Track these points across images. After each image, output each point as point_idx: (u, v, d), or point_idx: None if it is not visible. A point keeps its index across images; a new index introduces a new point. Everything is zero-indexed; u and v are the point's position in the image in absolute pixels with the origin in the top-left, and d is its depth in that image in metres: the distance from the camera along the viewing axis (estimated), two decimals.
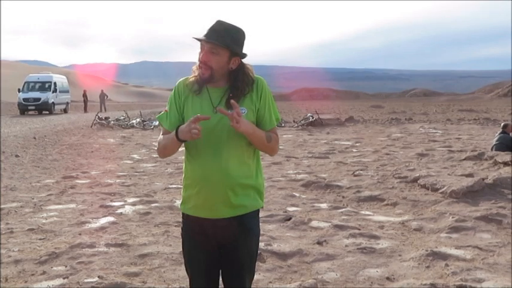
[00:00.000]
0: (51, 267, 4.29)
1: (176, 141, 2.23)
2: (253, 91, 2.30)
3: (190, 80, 2.33)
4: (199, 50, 2.29)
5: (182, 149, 2.41)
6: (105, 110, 34.07)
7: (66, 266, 4.30)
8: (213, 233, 2.31)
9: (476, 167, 9.17)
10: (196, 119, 2.11)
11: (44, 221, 5.90)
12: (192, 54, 2.39)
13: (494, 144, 10.98)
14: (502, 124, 11.81)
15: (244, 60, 2.33)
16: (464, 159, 10.25)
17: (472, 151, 11.30)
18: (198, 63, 2.28)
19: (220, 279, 2.45)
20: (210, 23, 2.27)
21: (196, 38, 2.25)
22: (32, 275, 4.15)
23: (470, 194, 6.84)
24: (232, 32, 2.25)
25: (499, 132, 11.46)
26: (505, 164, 8.70)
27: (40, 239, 5.14)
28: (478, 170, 8.76)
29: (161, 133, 2.40)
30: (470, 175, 8.05)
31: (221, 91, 2.28)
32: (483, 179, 7.27)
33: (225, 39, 2.21)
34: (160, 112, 2.47)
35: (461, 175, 8.10)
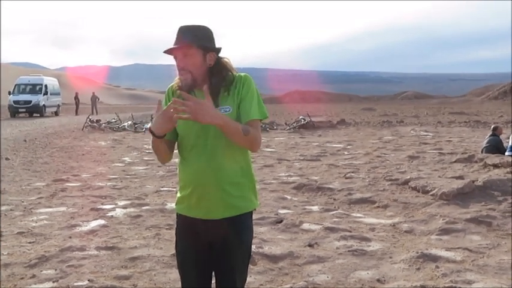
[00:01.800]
0: (41, 271, 4.26)
1: (155, 139, 2.22)
2: (237, 87, 2.27)
3: (175, 87, 2.32)
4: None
5: (176, 151, 2.40)
6: (97, 113, 33.93)
7: (56, 270, 4.28)
8: (205, 233, 2.30)
9: (466, 169, 9.24)
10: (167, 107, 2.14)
11: (34, 224, 5.86)
12: None
13: (485, 147, 11.06)
14: (492, 127, 11.90)
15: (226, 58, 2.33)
16: (454, 162, 10.32)
17: (462, 153, 11.39)
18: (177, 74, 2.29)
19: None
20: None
21: (166, 51, 2.24)
22: (22, 278, 4.12)
23: (461, 196, 6.88)
24: (196, 30, 2.25)
25: (489, 134, 11.55)
26: (495, 166, 8.76)
27: (30, 243, 5.10)
28: (468, 172, 8.81)
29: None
30: (460, 177, 8.10)
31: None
32: (473, 181, 7.32)
33: (191, 39, 2.21)
34: (152, 117, 2.46)
35: (452, 177, 8.14)
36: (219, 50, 2.29)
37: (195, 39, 2.21)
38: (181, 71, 2.23)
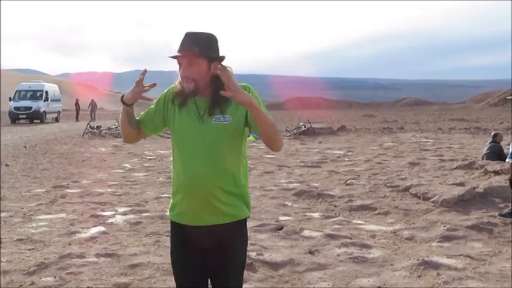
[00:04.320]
0: (40, 278, 4.24)
1: (124, 107, 2.34)
2: None
3: (175, 92, 2.34)
4: (177, 66, 2.31)
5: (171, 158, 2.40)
6: (95, 119, 33.85)
7: (55, 277, 4.25)
8: (198, 240, 2.31)
9: (467, 176, 9.22)
10: (140, 80, 2.28)
11: (33, 231, 5.84)
12: None
13: (485, 153, 11.03)
14: (493, 133, 11.88)
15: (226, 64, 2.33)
16: (455, 168, 10.30)
17: (463, 160, 11.36)
18: (179, 79, 2.31)
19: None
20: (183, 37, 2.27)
21: (171, 57, 2.25)
22: (21, 286, 4.09)
23: (462, 203, 6.87)
24: (203, 39, 2.25)
25: (489, 141, 11.52)
26: (496, 173, 8.74)
27: (29, 249, 5.08)
28: (469, 179, 8.80)
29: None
30: (461, 184, 8.08)
31: (206, 100, 2.28)
32: (474, 188, 7.31)
33: (198, 48, 2.21)
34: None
35: (453, 184, 8.12)
36: (223, 58, 2.30)
37: (202, 49, 2.22)
38: (185, 78, 2.24)
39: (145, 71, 2.29)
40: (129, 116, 2.37)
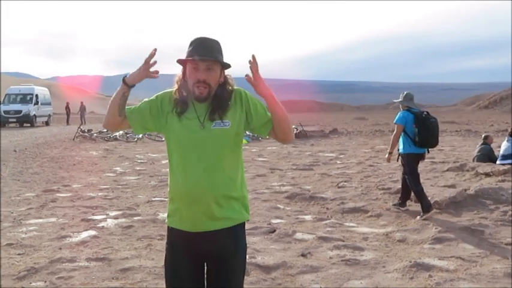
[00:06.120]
0: (30, 283, 4.19)
1: (120, 88, 2.26)
2: (236, 103, 2.30)
3: (176, 97, 2.30)
4: (174, 71, 2.32)
5: (167, 161, 2.38)
6: (85, 123, 33.67)
7: (45, 282, 4.21)
8: (198, 245, 2.28)
9: (458, 178, 9.28)
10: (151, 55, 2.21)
11: (23, 235, 5.78)
12: (177, 66, 2.37)
13: (476, 156, 11.12)
14: (483, 135, 11.98)
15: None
16: (446, 171, 10.36)
17: (454, 162, 11.43)
18: (177, 82, 2.31)
19: None
20: (192, 39, 2.28)
21: (192, 58, 2.21)
22: None
23: (453, 205, 6.90)
24: (217, 45, 2.27)
25: (480, 143, 11.62)
26: (487, 174, 8.81)
27: (19, 254, 5.02)
28: (460, 181, 8.85)
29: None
30: (452, 186, 8.14)
31: (206, 105, 2.27)
32: (465, 190, 7.35)
33: (217, 54, 2.24)
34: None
35: (444, 186, 8.18)
36: (230, 66, 2.31)
37: (220, 56, 2.24)
38: (201, 83, 2.21)
39: (155, 50, 2.22)
40: (122, 99, 2.28)
